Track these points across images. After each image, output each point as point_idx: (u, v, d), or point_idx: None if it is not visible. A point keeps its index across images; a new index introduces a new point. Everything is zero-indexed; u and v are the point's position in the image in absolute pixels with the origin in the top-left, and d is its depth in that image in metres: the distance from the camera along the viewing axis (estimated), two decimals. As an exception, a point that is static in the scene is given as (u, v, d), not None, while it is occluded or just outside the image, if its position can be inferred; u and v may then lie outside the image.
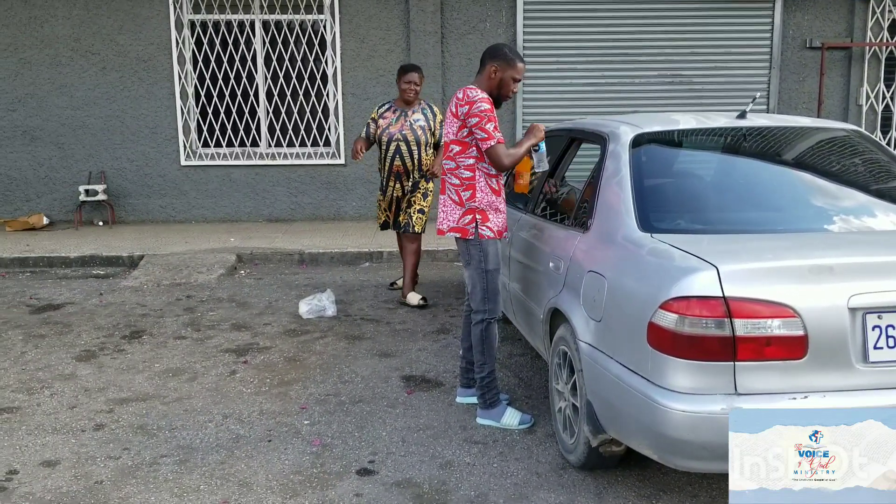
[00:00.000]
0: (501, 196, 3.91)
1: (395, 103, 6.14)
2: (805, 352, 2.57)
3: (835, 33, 9.58)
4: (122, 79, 9.42)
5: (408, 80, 6.00)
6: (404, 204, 6.15)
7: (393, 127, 6.01)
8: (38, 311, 6.08)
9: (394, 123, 6.02)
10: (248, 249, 7.95)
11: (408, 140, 5.99)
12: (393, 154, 6.03)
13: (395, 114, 6.07)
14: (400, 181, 6.11)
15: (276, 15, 9.41)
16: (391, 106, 6.14)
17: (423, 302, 6.07)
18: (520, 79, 3.92)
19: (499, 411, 3.89)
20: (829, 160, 3.84)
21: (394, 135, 5.99)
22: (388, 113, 6.09)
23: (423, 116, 6.06)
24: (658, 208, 3.29)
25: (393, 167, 6.06)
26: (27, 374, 4.65)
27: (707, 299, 2.58)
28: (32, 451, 3.62)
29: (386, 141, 6.03)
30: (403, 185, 6.12)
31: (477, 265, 3.85)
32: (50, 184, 9.61)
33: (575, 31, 9.48)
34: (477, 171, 3.82)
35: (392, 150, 6.02)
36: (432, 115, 6.10)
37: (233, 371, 4.69)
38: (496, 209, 3.87)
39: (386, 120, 6.06)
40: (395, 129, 5.99)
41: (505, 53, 3.88)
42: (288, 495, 3.21)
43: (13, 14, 9.25)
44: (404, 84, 6.01)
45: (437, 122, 6.10)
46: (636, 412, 2.79)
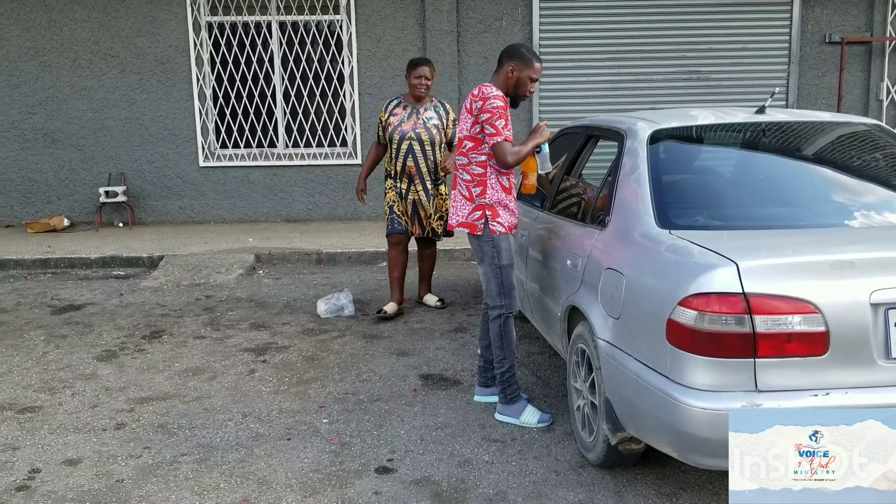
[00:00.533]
0: (512, 194, 3.93)
1: (404, 99, 5.75)
2: (826, 348, 2.55)
3: (854, 28, 9.48)
4: (141, 81, 9.49)
5: (418, 74, 5.59)
6: (431, 210, 5.76)
7: (406, 124, 5.63)
8: (59, 312, 6.14)
9: (406, 121, 5.64)
10: (267, 249, 7.98)
11: (421, 139, 5.62)
12: (406, 153, 5.64)
13: (406, 110, 5.68)
14: (414, 183, 5.70)
15: (292, 16, 9.44)
16: (400, 101, 5.74)
17: (441, 303, 5.97)
18: (537, 78, 3.93)
19: (518, 408, 3.88)
20: (850, 155, 3.79)
21: (406, 132, 5.62)
22: (399, 109, 5.70)
23: (437, 115, 5.70)
24: (676, 204, 3.26)
25: (406, 167, 5.67)
26: (49, 373, 4.70)
27: (727, 296, 2.56)
28: (54, 450, 3.66)
29: (398, 139, 5.64)
30: (419, 188, 5.71)
31: (490, 261, 3.86)
32: (70, 186, 9.70)
33: (591, 28, 9.44)
34: (489, 168, 3.84)
35: (405, 150, 5.64)
36: (445, 114, 5.74)
37: (252, 370, 4.71)
38: (505, 206, 3.88)
39: (397, 117, 5.67)
40: (408, 126, 5.62)
41: (522, 53, 3.89)
42: (307, 493, 3.22)
43: (33, 18, 9.35)
44: (414, 79, 5.60)
45: (451, 120, 5.76)
46: (656, 410, 2.77)
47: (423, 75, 5.57)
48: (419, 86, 5.59)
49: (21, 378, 4.62)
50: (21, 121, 9.54)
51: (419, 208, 5.75)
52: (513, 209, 3.93)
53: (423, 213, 5.75)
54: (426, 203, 5.73)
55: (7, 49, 9.39)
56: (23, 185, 9.69)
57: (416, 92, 5.62)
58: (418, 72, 5.58)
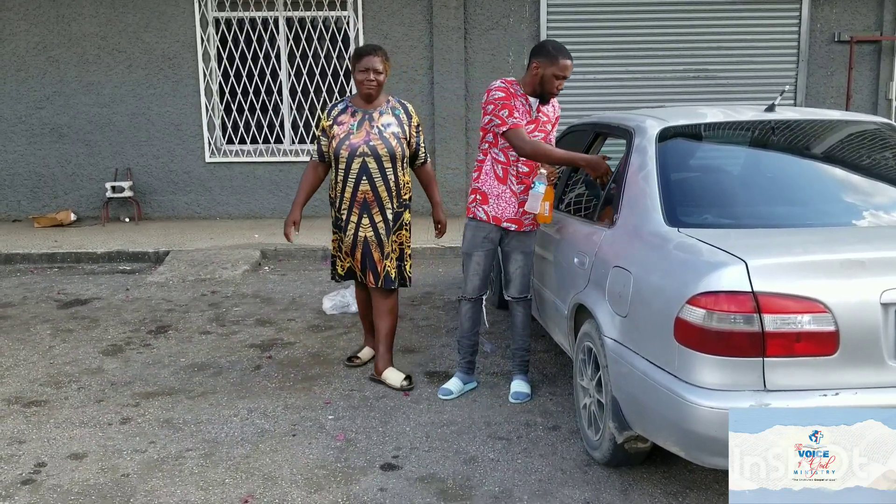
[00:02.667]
0: (507, 186, 4.00)
1: (351, 102, 4.30)
2: (836, 348, 2.53)
3: (864, 27, 9.43)
4: (148, 76, 9.50)
5: (364, 66, 4.14)
6: (389, 248, 4.31)
7: (355, 136, 4.18)
8: (65, 306, 6.15)
9: (355, 131, 4.19)
10: (272, 245, 7.99)
11: (378, 154, 4.17)
12: (357, 175, 4.18)
13: (355, 117, 4.23)
14: (369, 214, 4.24)
15: (299, 12, 9.43)
16: (347, 106, 4.29)
17: (408, 383, 4.31)
18: (562, 75, 3.91)
19: (453, 381, 4.24)
20: (860, 153, 3.77)
21: (357, 147, 4.16)
22: (345, 116, 4.25)
23: (395, 119, 4.26)
24: (685, 202, 3.25)
25: (357, 194, 4.21)
26: (55, 367, 4.71)
27: (736, 294, 2.54)
28: (60, 444, 3.66)
29: (347, 156, 4.18)
30: (376, 220, 4.25)
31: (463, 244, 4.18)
32: (77, 180, 9.72)
33: (599, 25, 9.41)
34: (488, 155, 4.05)
35: (356, 170, 4.18)
36: (407, 118, 4.30)
37: (257, 366, 4.71)
38: (498, 196, 4.01)
39: (343, 127, 4.21)
40: (359, 139, 4.17)
41: (548, 50, 3.93)
42: (312, 489, 3.21)
43: (41, 13, 9.36)
44: (360, 73, 4.15)
45: (414, 126, 4.34)
46: (663, 409, 2.76)
47: (371, 68, 4.15)
48: (367, 82, 4.15)
49: (27, 372, 4.63)
50: (28, 115, 9.56)
51: (372, 249, 4.29)
52: (508, 202, 4.00)
53: (376, 256, 4.30)
54: (383, 240, 4.28)
55: (15, 44, 9.41)
56: (30, 180, 9.71)
57: (365, 90, 4.18)
58: (364, 63, 4.16)
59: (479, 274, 4.12)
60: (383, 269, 4.30)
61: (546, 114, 4.06)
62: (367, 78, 4.14)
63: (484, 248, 4.09)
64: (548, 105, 4.05)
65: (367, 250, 4.29)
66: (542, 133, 4.02)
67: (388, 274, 4.31)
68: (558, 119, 4.15)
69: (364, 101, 4.26)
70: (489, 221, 4.03)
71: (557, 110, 4.15)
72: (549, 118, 4.07)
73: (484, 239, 4.07)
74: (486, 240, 4.07)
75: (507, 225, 4.03)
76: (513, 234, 4.07)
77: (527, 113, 3.97)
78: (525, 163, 3.96)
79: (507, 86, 3.95)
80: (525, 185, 4.01)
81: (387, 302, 4.38)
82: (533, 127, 3.97)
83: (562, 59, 3.88)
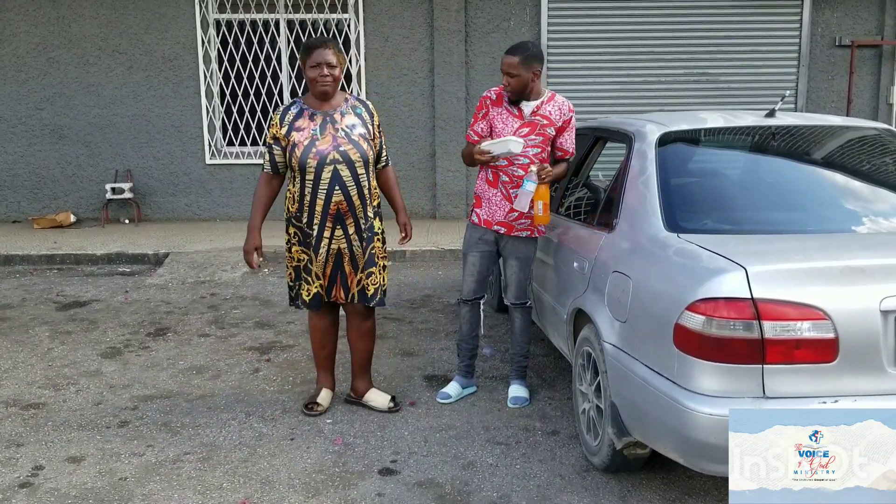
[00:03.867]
0: (497, 189, 4.02)
1: (305, 103, 3.84)
2: (835, 355, 2.52)
3: (865, 31, 9.44)
4: (149, 78, 9.50)
5: (315, 60, 3.70)
6: (361, 262, 3.89)
7: (321, 143, 3.73)
8: (64, 308, 6.14)
9: (320, 136, 3.74)
10: (272, 248, 7.95)
11: (350, 160, 3.75)
12: (329, 185, 3.74)
13: (314, 121, 3.77)
14: (343, 225, 3.82)
15: (300, 14, 9.44)
16: (301, 108, 3.81)
17: (394, 404, 4.05)
18: (505, 72, 3.90)
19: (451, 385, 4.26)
20: (860, 159, 3.77)
21: (326, 154, 3.71)
22: (303, 121, 3.77)
23: (359, 119, 3.84)
24: (685, 208, 3.24)
25: (330, 206, 3.77)
26: (53, 370, 4.70)
27: (735, 301, 2.53)
28: (58, 447, 3.65)
29: (316, 165, 3.72)
30: (349, 231, 3.84)
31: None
32: (77, 182, 9.72)
33: (600, 28, 9.42)
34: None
35: (327, 179, 3.73)
36: (369, 117, 3.90)
37: (256, 369, 4.70)
38: (489, 199, 4.05)
39: (303, 133, 3.75)
40: (327, 144, 3.73)
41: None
42: (310, 494, 3.20)
43: (42, 14, 9.36)
44: (312, 69, 3.70)
45: (377, 125, 3.94)
46: (662, 415, 2.75)
47: (323, 62, 3.68)
48: (321, 78, 3.69)
49: (26, 374, 4.62)
50: (28, 116, 9.56)
51: (344, 262, 3.88)
52: (498, 204, 4.01)
53: (348, 269, 3.89)
54: (356, 251, 3.87)
55: (15, 45, 9.41)
56: (30, 181, 9.70)
57: (320, 87, 3.73)
58: (315, 57, 3.70)
59: (474, 276, 4.14)
60: (356, 284, 3.89)
61: (547, 116, 3.95)
62: (321, 73, 3.68)
63: (479, 250, 4.10)
64: (551, 105, 3.97)
65: (339, 262, 3.86)
66: (541, 136, 3.95)
67: (364, 290, 3.90)
68: (569, 121, 4.00)
69: (319, 101, 3.81)
70: (480, 224, 4.08)
71: (565, 112, 3.99)
72: (550, 121, 3.95)
73: (479, 241, 4.09)
74: (482, 241, 4.09)
75: (497, 228, 4.04)
76: (508, 239, 4.05)
77: (514, 117, 3.97)
78: (520, 165, 3.93)
79: (487, 94, 4.06)
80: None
81: (366, 322, 4.05)
82: (528, 130, 3.94)
83: (503, 57, 3.91)
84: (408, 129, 9.52)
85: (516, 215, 3.98)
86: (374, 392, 4.11)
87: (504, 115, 3.97)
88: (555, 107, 3.99)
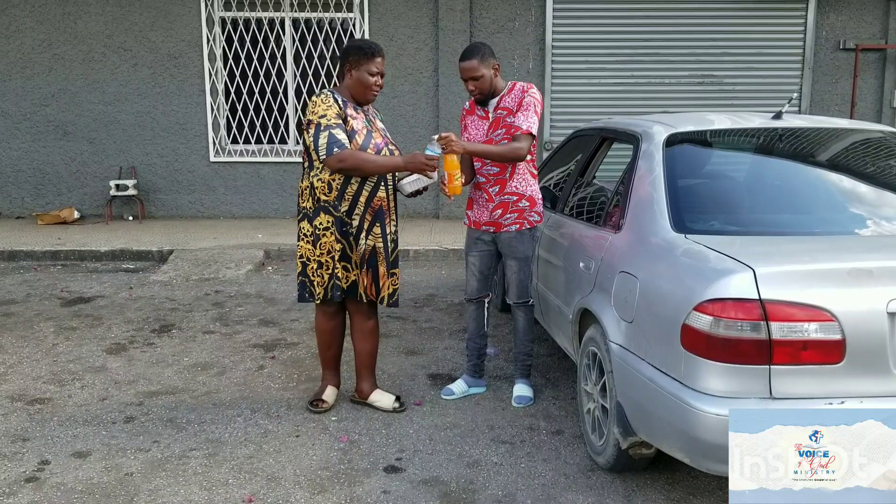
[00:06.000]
0: (481, 192, 4.10)
1: (342, 96, 3.78)
2: (842, 356, 2.53)
3: (869, 34, 9.44)
4: (154, 75, 9.51)
5: (377, 68, 3.75)
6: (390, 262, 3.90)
7: (376, 136, 3.80)
8: (69, 304, 6.15)
9: (372, 130, 3.80)
10: (276, 246, 7.99)
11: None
12: (378, 178, 3.77)
13: (359, 114, 3.80)
14: (382, 223, 3.83)
15: (305, 13, 9.45)
16: (345, 101, 3.77)
17: (400, 404, 4.06)
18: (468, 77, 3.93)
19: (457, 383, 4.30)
20: (867, 162, 3.77)
21: (381, 149, 3.78)
22: (352, 111, 3.76)
23: (383, 126, 4.01)
24: (692, 209, 3.25)
25: (374, 199, 3.78)
26: (59, 365, 4.71)
27: (743, 301, 2.54)
28: (64, 443, 3.66)
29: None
30: (387, 231, 3.86)
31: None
32: (81, 178, 9.73)
33: (605, 30, 9.42)
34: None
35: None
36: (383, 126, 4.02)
37: (261, 366, 4.71)
38: (476, 200, 4.15)
39: (358, 122, 3.75)
40: (380, 139, 3.81)
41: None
42: (315, 491, 3.21)
43: (47, 10, 9.38)
44: (370, 76, 3.74)
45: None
46: (668, 415, 2.76)
47: (382, 72, 3.81)
48: (376, 87, 3.80)
49: (31, 369, 4.63)
50: (33, 113, 9.57)
51: (378, 261, 3.87)
52: (483, 205, 4.08)
53: (381, 270, 3.89)
54: (389, 253, 3.90)
55: (21, 41, 9.42)
56: (34, 177, 9.72)
57: (371, 96, 3.82)
58: (378, 65, 3.76)
59: (475, 275, 4.19)
60: (385, 285, 3.91)
61: (506, 107, 3.97)
62: (378, 83, 3.77)
63: (478, 250, 4.16)
64: (510, 96, 3.96)
65: (374, 261, 3.85)
66: (503, 128, 3.95)
67: (393, 292, 3.93)
68: (521, 101, 3.91)
69: (359, 102, 3.83)
70: (471, 226, 4.17)
71: (519, 94, 3.95)
72: (509, 110, 3.95)
73: (476, 241, 4.15)
74: (479, 241, 4.14)
75: (485, 228, 4.10)
76: (503, 238, 4.06)
77: (482, 119, 4.04)
78: (493, 164, 3.99)
79: (464, 106, 4.20)
80: (500, 186, 4.01)
81: (369, 322, 4.02)
82: (494, 126, 3.99)
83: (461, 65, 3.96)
84: (412, 129, 9.52)
85: (500, 213, 4.02)
86: (378, 393, 4.10)
87: (476, 121, 4.09)
88: (512, 95, 4.00)
